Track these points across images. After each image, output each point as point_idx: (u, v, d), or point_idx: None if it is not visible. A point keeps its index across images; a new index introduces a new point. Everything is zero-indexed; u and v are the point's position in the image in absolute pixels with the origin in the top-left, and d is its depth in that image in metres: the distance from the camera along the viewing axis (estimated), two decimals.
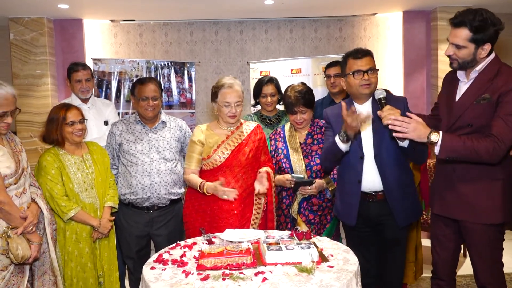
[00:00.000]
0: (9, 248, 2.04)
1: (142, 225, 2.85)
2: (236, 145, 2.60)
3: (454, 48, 2.13)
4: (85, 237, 2.55)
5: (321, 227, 2.70)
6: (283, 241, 2.00)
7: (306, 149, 2.74)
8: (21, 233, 2.10)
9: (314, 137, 2.76)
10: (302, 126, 2.75)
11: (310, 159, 2.71)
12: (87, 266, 2.55)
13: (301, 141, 2.77)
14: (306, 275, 1.72)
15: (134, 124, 2.89)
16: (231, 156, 2.56)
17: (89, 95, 3.35)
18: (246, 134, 2.66)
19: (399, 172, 2.35)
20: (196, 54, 5.18)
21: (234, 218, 2.53)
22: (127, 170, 2.82)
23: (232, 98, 2.56)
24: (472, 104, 2.11)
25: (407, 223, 2.43)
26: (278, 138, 2.84)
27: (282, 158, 2.75)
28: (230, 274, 1.74)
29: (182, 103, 4.90)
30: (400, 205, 2.35)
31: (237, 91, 2.59)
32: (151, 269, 1.90)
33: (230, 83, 2.59)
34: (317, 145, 2.73)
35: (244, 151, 2.59)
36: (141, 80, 2.87)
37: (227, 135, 2.63)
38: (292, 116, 2.74)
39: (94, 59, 4.62)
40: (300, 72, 4.77)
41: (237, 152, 2.58)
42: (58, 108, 2.59)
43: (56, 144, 2.56)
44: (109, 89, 4.62)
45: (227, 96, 2.56)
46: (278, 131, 2.89)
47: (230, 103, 2.56)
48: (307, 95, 2.72)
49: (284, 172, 2.74)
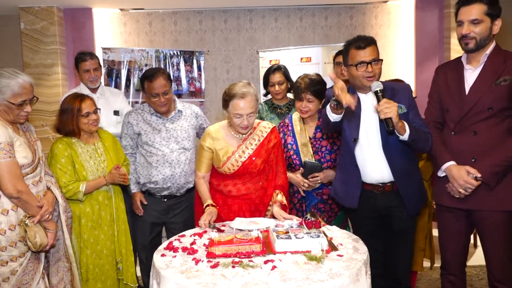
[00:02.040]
0: (27, 236, 2.08)
1: (158, 213, 2.89)
2: (247, 157, 2.45)
3: (470, 25, 2.11)
4: (100, 224, 2.59)
5: (331, 214, 2.68)
6: (292, 230, 2.01)
7: (316, 144, 2.69)
8: (38, 222, 2.14)
9: (323, 130, 2.71)
10: (307, 115, 2.68)
11: (320, 155, 2.67)
12: (102, 253, 2.59)
13: (310, 135, 2.72)
14: (316, 264, 1.73)
15: (149, 115, 2.88)
16: (241, 168, 2.44)
17: (98, 84, 3.35)
18: (259, 143, 2.49)
19: (406, 160, 2.32)
20: (205, 42, 5.16)
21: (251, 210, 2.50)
22: (146, 161, 2.83)
23: (245, 109, 2.33)
24: (490, 87, 2.10)
25: (417, 212, 2.41)
26: (287, 131, 2.77)
27: (292, 154, 2.70)
28: (239, 262, 1.76)
29: (191, 92, 4.90)
30: (409, 194, 2.33)
31: (250, 101, 2.34)
32: (161, 256, 1.92)
33: (243, 92, 2.33)
34: (326, 140, 2.68)
35: (255, 163, 2.46)
36: (148, 77, 2.77)
37: (238, 145, 2.48)
38: (298, 102, 2.68)
39: (103, 48, 4.63)
40: (310, 60, 4.74)
41: (248, 165, 2.45)
42: (71, 98, 2.58)
43: (71, 135, 2.57)
44: (119, 78, 4.63)
45: (238, 107, 2.33)
46: (286, 123, 2.81)
47: (242, 114, 2.34)
48: (318, 85, 2.65)
49: (294, 169, 2.71)
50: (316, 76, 2.71)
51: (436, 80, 2.36)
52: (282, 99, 3.36)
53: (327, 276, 1.62)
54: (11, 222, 2.07)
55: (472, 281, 3.43)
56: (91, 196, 2.56)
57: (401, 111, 2.24)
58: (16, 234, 2.07)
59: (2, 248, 2.04)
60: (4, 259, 2.05)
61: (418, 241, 2.93)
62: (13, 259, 2.07)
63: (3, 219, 2.05)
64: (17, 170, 2.06)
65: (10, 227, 2.06)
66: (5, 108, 2.10)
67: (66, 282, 2.35)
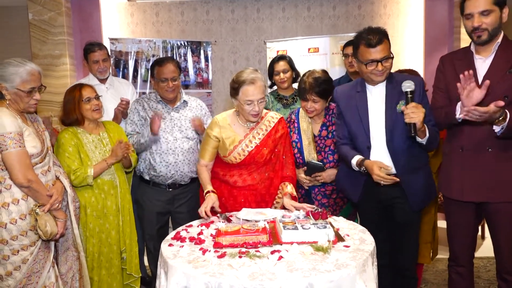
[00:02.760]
0: (37, 225, 2.10)
1: (163, 202, 2.91)
2: (254, 147, 2.43)
3: (481, 17, 2.08)
4: (106, 213, 2.61)
5: (336, 208, 2.67)
6: (299, 221, 2.01)
7: (320, 143, 2.66)
8: (48, 210, 2.16)
9: (329, 128, 2.67)
10: (313, 115, 2.65)
11: (324, 155, 2.64)
12: (107, 241, 2.62)
13: (316, 132, 2.69)
14: (322, 254, 1.73)
15: (155, 103, 2.93)
16: (248, 157, 2.43)
17: (107, 75, 3.37)
18: (266, 132, 2.47)
19: (412, 156, 2.27)
20: (212, 33, 5.15)
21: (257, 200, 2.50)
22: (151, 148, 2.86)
23: (255, 95, 2.30)
24: (504, 75, 2.08)
25: (421, 207, 2.38)
26: (292, 128, 2.74)
27: (296, 152, 2.68)
28: (246, 252, 1.77)
29: (199, 83, 4.90)
30: (413, 190, 2.29)
31: (260, 86, 2.32)
32: (169, 246, 1.94)
33: (252, 78, 2.31)
34: (331, 139, 2.64)
35: (262, 153, 2.44)
36: (159, 62, 2.87)
37: (246, 134, 2.46)
38: (303, 102, 2.64)
39: (111, 39, 4.64)
40: (317, 51, 4.71)
41: (254, 154, 2.43)
42: (72, 88, 2.63)
43: (76, 124, 2.60)
44: (126, 69, 4.64)
45: (249, 93, 2.30)
46: (292, 119, 2.77)
47: (253, 100, 2.31)
48: (323, 85, 2.57)
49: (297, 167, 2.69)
50: (321, 73, 2.62)
51: (442, 70, 2.31)
52: (288, 89, 3.34)
53: (333, 266, 1.63)
54: (22, 212, 2.10)
55: (480, 272, 3.42)
56: (96, 185, 2.58)
57: None
58: (27, 223, 2.10)
59: (13, 237, 2.07)
60: (15, 248, 2.08)
61: (424, 233, 2.91)
62: (24, 248, 2.10)
63: (14, 209, 2.08)
64: (27, 160, 2.08)
65: (21, 216, 2.09)
66: (14, 97, 2.12)
67: (74, 271, 2.39)
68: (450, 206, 2.32)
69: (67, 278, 2.36)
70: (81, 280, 2.42)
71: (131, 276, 2.74)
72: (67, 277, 2.36)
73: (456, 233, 2.31)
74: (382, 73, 2.24)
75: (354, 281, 1.61)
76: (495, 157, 2.12)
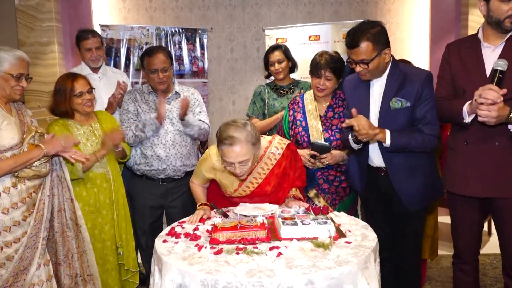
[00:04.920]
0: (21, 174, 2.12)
1: (156, 196, 2.93)
2: (256, 186, 2.32)
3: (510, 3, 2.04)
4: (98, 208, 2.62)
5: (336, 197, 2.68)
6: (299, 216, 2.02)
7: (326, 123, 2.69)
8: None
9: (335, 110, 2.70)
10: (323, 94, 2.67)
11: (330, 133, 2.66)
12: (100, 237, 2.63)
13: (322, 113, 2.72)
14: (323, 251, 1.75)
15: (148, 94, 2.93)
16: (250, 195, 2.35)
17: (100, 64, 3.35)
18: (268, 171, 2.31)
19: (407, 155, 2.27)
20: (208, 20, 5.12)
21: None
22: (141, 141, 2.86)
23: (233, 158, 2.06)
24: None
25: (418, 207, 2.35)
26: (297, 108, 2.78)
27: (300, 130, 2.71)
28: (244, 249, 1.78)
29: (194, 72, 4.88)
30: (407, 188, 2.29)
31: (241, 148, 2.05)
32: (163, 242, 1.95)
33: (233, 139, 2.03)
34: (338, 119, 2.67)
35: (265, 190, 2.33)
36: (148, 52, 2.86)
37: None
38: (315, 79, 2.66)
39: (102, 26, 4.60)
40: (318, 39, 4.69)
41: (257, 193, 2.34)
42: (64, 78, 2.61)
43: (66, 116, 2.59)
44: (118, 57, 4.62)
45: (227, 154, 2.07)
46: (297, 100, 2.82)
47: (232, 163, 2.09)
48: (338, 63, 2.64)
49: (301, 146, 2.71)
50: (335, 53, 2.70)
51: (447, 59, 2.30)
52: (284, 80, 3.35)
53: (334, 263, 1.64)
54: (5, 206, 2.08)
55: (486, 269, 3.45)
56: (88, 179, 2.58)
57: (398, 105, 2.23)
58: (10, 218, 2.09)
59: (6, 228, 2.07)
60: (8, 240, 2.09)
61: (426, 227, 2.90)
62: (7, 244, 2.08)
63: None
64: None
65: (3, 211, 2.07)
66: (1, 82, 2.14)
67: (73, 252, 2.40)
68: (454, 201, 2.33)
69: (69, 260, 2.37)
70: (80, 259, 2.43)
71: (129, 271, 2.76)
72: (69, 260, 2.37)
73: (460, 229, 2.32)
74: (363, 74, 2.27)
75: (355, 278, 1.62)
76: (502, 151, 2.12)
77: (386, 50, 2.22)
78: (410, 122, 2.26)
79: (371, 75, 2.28)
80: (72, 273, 2.39)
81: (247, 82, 5.19)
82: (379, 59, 2.21)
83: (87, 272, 2.47)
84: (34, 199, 2.20)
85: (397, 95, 2.24)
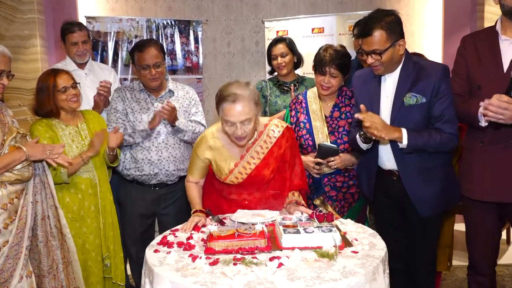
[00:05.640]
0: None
1: (148, 203, 2.92)
2: (253, 168, 2.35)
3: None
4: (83, 216, 2.61)
5: (345, 205, 2.68)
6: (301, 223, 2.02)
7: (332, 124, 2.68)
8: None
9: (341, 109, 2.70)
10: (328, 92, 2.66)
11: (337, 136, 2.65)
12: (85, 247, 2.62)
13: (327, 113, 2.71)
14: (327, 261, 1.74)
15: (138, 92, 2.92)
16: (247, 179, 2.36)
17: (87, 59, 3.36)
18: (267, 150, 2.36)
19: (422, 156, 2.26)
20: (203, 11, 5.12)
21: None
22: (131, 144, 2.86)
23: (236, 116, 2.14)
24: None
25: (433, 213, 2.34)
26: (300, 108, 2.77)
27: (305, 133, 2.69)
28: (242, 259, 1.77)
29: (188, 68, 4.89)
30: (422, 193, 2.29)
31: (245, 106, 2.14)
32: (154, 252, 1.94)
33: (236, 95, 2.13)
34: (344, 120, 2.66)
35: (263, 174, 2.36)
36: (139, 46, 2.84)
37: (242, 154, 2.36)
38: (319, 77, 2.65)
39: (87, 18, 4.60)
40: (322, 31, 4.70)
41: (254, 176, 2.36)
42: (46, 75, 2.61)
43: (51, 115, 2.59)
44: (105, 52, 4.62)
45: (229, 113, 2.15)
46: (299, 99, 2.81)
47: (234, 122, 2.17)
48: (344, 58, 2.63)
49: (305, 150, 2.70)
50: (341, 48, 2.69)
51: (463, 53, 2.30)
52: (288, 75, 3.34)
53: (340, 274, 1.64)
54: None
55: (504, 281, 3.45)
56: (72, 184, 2.58)
57: (413, 101, 2.22)
58: None
59: None
60: None
61: (442, 236, 2.92)
62: None
63: None
64: None
65: None
66: None
67: (57, 262, 2.39)
68: (469, 207, 2.32)
69: (54, 271, 2.37)
70: (66, 270, 2.42)
71: (116, 284, 2.75)
72: (54, 271, 2.37)
73: (476, 238, 2.32)
74: (375, 67, 2.26)
75: None
76: None
77: (401, 42, 2.22)
78: (426, 119, 2.25)
79: (384, 68, 2.27)
80: (57, 285, 2.39)
81: (245, 78, 5.19)
82: (393, 50, 2.20)
83: (73, 285, 2.46)
84: (16, 206, 2.19)
85: (412, 90, 2.23)
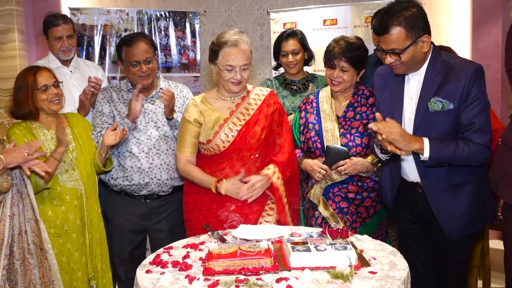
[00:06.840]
0: None
1: (137, 217, 2.92)
2: (244, 124, 2.55)
3: None
4: (67, 230, 2.62)
5: (357, 219, 2.67)
6: (312, 240, 2.02)
7: (345, 125, 2.69)
8: None
9: (356, 109, 2.71)
10: (339, 88, 2.67)
11: (349, 138, 2.66)
12: (69, 266, 2.63)
13: (340, 113, 2.73)
14: (342, 283, 1.74)
15: (126, 92, 2.93)
16: (237, 138, 2.52)
17: (72, 56, 3.38)
18: (256, 107, 2.59)
19: (450, 169, 2.23)
20: (201, 1, 5.15)
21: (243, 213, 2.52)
22: (118, 150, 2.87)
23: (237, 60, 2.47)
24: None
25: (462, 235, 2.31)
26: (310, 108, 2.78)
27: (313, 135, 2.71)
28: (245, 280, 1.77)
29: (184, 65, 4.91)
30: (448, 211, 2.26)
31: (244, 50, 2.49)
32: (146, 272, 1.94)
33: (235, 40, 2.48)
34: (359, 121, 2.67)
35: (255, 131, 2.55)
36: (126, 41, 2.85)
37: (231, 110, 2.58)
38: (329, 70, 2.67)
39: (71, 9, 4.63)
40: (335, 23, 4.71)
41: (245, 133, 2.53)
42: (25, 73, 2.63)
43: (29, 118, 2.61)
44: (91, 47, 4.65)
45: (230, 57, 2.47)
46: (310, 99, 2.83)
47: (234, 66, 2.48)
48: (357, 50, 2.64)
49: (313, 154, 2.71)
50: (355, 39, 2.71)
51: None
52: (297, 74, 3.35)
53: None
54: None
55: None
56: (55, 194, 2.59)
57: (439, 107, 2.18)
58: None
59: None
60: None
61: (472, 256, 2.91)
62: None
63: None
64: None
65: None
66: None
67: (35, 283, 2.39)
68: (508, 217, 2.29)
69: None
70: None
71: None
72: None
73: None
74: (395, 67, 2.25)
75: None
76: None
77: (424, 38, 2.18)
78: (454, 128, 2.21)
79: (405, 68, 2.25)
80: None
81: None
82: (414, 48, 2.17)
83: None
84: None
85: (438, 95, 2.19)
